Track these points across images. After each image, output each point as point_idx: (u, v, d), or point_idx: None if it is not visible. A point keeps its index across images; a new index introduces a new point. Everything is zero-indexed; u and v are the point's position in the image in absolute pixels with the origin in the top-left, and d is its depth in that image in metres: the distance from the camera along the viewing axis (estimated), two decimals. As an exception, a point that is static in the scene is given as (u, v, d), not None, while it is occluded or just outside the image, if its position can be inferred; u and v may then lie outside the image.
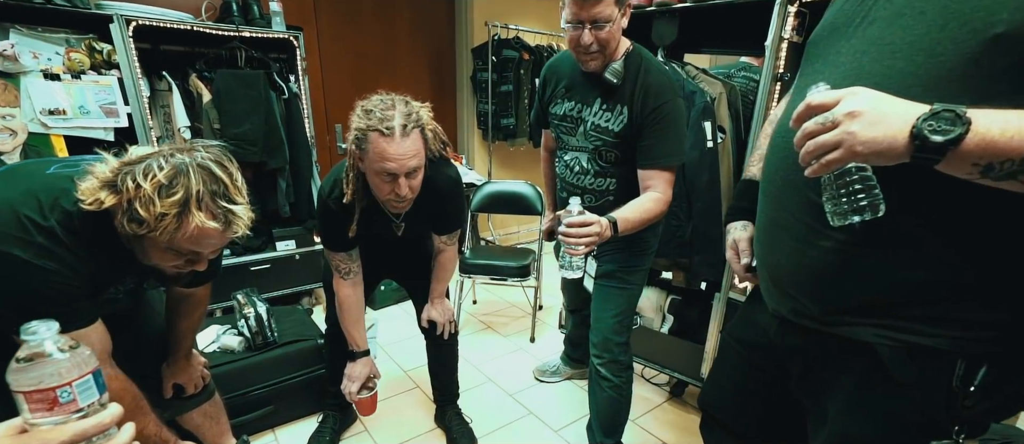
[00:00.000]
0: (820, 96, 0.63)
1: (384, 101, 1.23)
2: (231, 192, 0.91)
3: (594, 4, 1.17)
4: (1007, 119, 0.53)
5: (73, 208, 0.88)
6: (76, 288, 0.90)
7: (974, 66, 0.59)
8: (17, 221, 0.84)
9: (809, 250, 0.76)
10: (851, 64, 0.71)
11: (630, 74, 1.30)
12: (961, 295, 0.68)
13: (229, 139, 2.42)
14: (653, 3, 1.78)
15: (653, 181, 1.31)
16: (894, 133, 0.57)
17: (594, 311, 1.53)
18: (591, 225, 1.13)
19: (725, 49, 1.98)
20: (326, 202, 1.38)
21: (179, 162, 0.86)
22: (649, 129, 1.29)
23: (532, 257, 2.71)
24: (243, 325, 1.90)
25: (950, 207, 0.64)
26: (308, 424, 1.91)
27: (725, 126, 1.78)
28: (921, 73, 0.63)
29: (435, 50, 3.72)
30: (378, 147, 1.18)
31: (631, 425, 1.93)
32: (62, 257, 0.87)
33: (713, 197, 1.77)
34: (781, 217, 0.81)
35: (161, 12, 2.21)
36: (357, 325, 1.56)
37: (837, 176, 0.64)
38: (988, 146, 0.53)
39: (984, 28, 0.57)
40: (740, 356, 1.07)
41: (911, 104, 0.59)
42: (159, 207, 0.84)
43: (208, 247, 0.95)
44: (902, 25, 0.66)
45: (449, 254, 1.62)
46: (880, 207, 0.63)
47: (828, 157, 0.62)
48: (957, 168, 0.57)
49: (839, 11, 0.79)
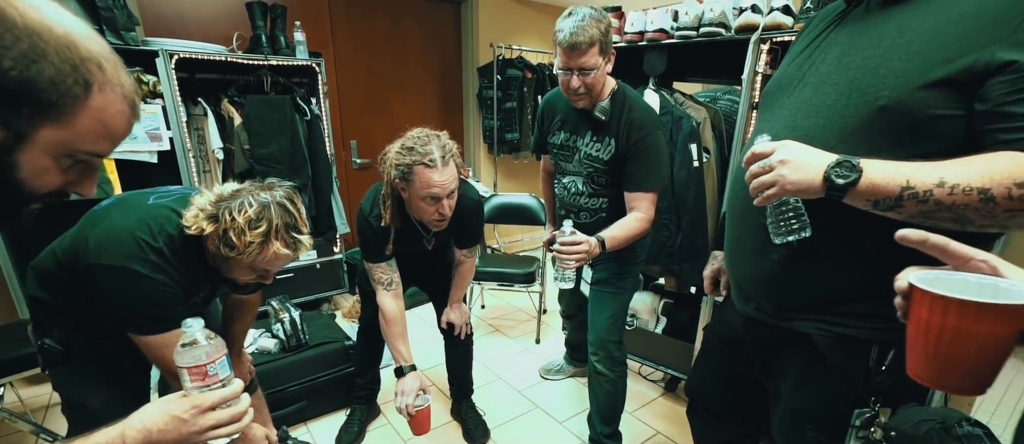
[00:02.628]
0: (762, 146, 0.84)
1: (420, 137, 1.41)
2: (299, 224, 1.13)
3: (581, 55, 1.39)
4: (886, 168, 0.74)
5: (176, 232, 1.10)
6: (176, 296, 1.12)
7: (868, 127, 0.80)
8: (135, 243, 1.06)
9: (762, 261, 0.97)
10: (789, 118, 0.92)
11: (616, 111, 1.51)
12: (874, 294, 0.88)
13: (258, 159, 2.65)
14: (645, 39, 2.00)
15: (637, 202, 1.52)
16: (812, 176, 0.79)
17: (591, 314, 1.74)
18: (581, 244, 1.36)
19: (708, 79, 2.19)
20: (367, 220, 1.57)
21: (263, 200, 1.08)
22: (633, 158, 1.50)
23: (537, 265, 2.92)
24: (278, 329, 2.11)
25: (861, 229, 0.85)
26: (337, 417, 2.12)
27: (709, 147, 2.00)
28: (835, 129, 0.84)
29: (443, 70, 3.94)
30: (424, 177, 1.38)
31: (629, 417, 2.14)
32: (168, 271, 1.09)
33: (699, 211, 1.98)
34: (742, 235, 1.03)
35: (200, 46, 2.44)
36: (402, 338, 1.64)
37: (776, 207, 0.85)
38: (873, 188, 0.75)
39: (873, 100, 0.79)
40: (719, 350, 1.28)
41: (825, 154, 0.80)
42: (248, 237, 1.05)
43: (278, 266, 1.17)
44: (824, 92, 0.87)
45: (469, 264, 1.83)
46: (807, 230, 0.84)
47: (767, 192, 0.83)
48: (857, 202, 0.78)
49: (784, 72, 1.01)
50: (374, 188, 1.61)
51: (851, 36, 0.87)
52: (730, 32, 1.80)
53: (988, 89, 0.70)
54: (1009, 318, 0.50)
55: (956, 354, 0.54)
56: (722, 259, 1.22)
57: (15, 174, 0.58)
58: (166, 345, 1.13)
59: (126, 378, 1.29)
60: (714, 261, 1.29)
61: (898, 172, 0.74)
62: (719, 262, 1.26)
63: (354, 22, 3.40)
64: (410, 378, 1.57)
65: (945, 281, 0.56)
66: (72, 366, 1.22)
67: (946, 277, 0.57)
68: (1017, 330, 0.51)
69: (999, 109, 0.69)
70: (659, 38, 1.96)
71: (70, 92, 0.58)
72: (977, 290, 0.54)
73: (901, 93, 0.76)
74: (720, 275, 1.26)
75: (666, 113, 1.98)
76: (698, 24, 1.84)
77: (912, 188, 0.72)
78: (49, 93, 0.56)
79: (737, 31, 1.75)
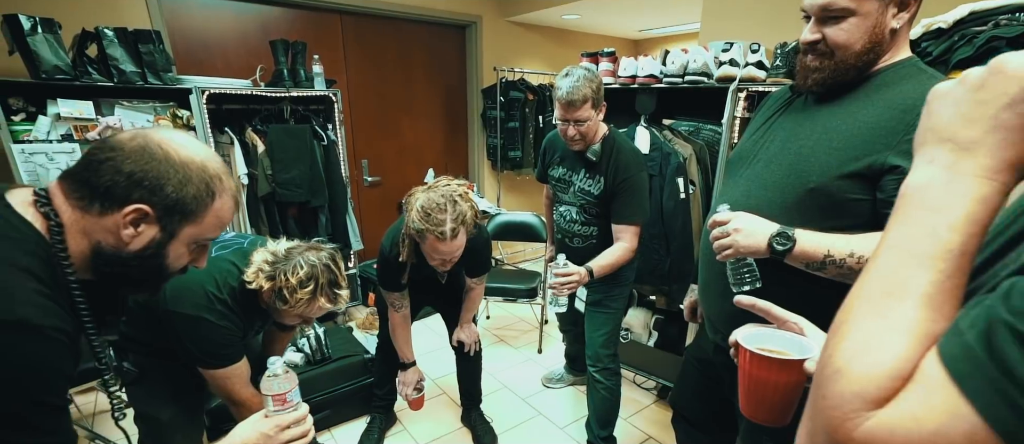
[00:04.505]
0: (722, 216, 1.06)
1: (439, 204, 1.51)
2: (340, 280, 1.35)
3: (576, 110, 1.62)
4: (814, 239, 0.96)
5: (237, 285, 1.32)
6: (237, 336, 1.34)
7: (801, 203, 1.01)
8: (205, 295, 1.28)
9: (725, 303, 1.18)
10: (745, 188, 1.14)
11: (606, 153, 1.74)
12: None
13: (280, 184, 2.86)
14: (636, 82, 2.21)
15: (622, 233, 1.75)
16: (759, 242, 1.00)
17: (587, 331, 1.96)
18: (572, 275, 1.59)
19: (693, 119, 2.41)
20: (388, 257, 1.77)
21: (312, 261, 1.29)
22: (619, 195, 1.73)
23: (538, 280, 3.14)
24: (304, 343, 2.33)
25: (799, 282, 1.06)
26: (358, 425, 2.33)
27: (695, 180, 2.21)
28: (778, 202, 1.05)
29: (449, 91, 4.15)
30: (433, 244, 1.55)
31: (624, 423, 2.35)
32: (231, 318, 1.31)
33: (686, 238, 2.20)
34: (711, 280, 1.24)
35: (228, 82, 2.66)
36: (407, 343, 2.01)
37: (733, 263, 1.07)
38: (804, 254, 0.96)
39: (805, 183, 1.00)
40: (696, 368, 1.49)
41: (770, 224, 1.01)
42: (299, 294, 1.27)
43: (319, 314, 1.39)
44: (771, 169, 1.09)
45: (478, 290, 2.05)
46: (758, 282, 1.05)
47: (725, 252, 1.04)
48: (794, 263, 0.99)
49: (744, 146, 1.22)
50: (394, 228, 1.79)
51: (793, 125, 1.09)
52: (712, 80, 2.01)
53: (884, 183, 0.91)
54: (789, 368, 0.67)
55: (759, 394, 0.72)
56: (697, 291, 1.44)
57: (164, 261, 0.81)
58: (227, 376, 1.36)
59: (189, 394, 1.50)
60: (691, 294, 1.50)
61: (822, 243, 0.95)
62: (695, 295, 1.47)
63: (365, 49, 3.61)
64: (411, 372, 2.02)
65: (766, 337, 0.74)
66: (146, 385, 1.43)
67: (769, 334, 0.75)
68: (798, 378, 0.67)
69: (891, 199, 0.90)
70: (649, 82, 2.17)
71: (203, 201, 0.80)
72: (779, 345, 0.71)
73: (825, 180, 0.97)
74: (697, 306, 1.48)
75: (656, 149, 2.20)
76: (684, 72, 2.06)
77: (831, 256, 0.94)
78: (192, 205, 0.79)
79: (718, 80, 1.96)
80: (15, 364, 0.62)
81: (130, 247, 0.75)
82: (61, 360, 0.67)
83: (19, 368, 0.63)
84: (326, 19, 3.42)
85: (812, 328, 0.73)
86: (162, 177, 0.74)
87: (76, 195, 0.72)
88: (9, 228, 0.67)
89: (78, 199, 0.72)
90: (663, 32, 4.78)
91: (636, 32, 4.88)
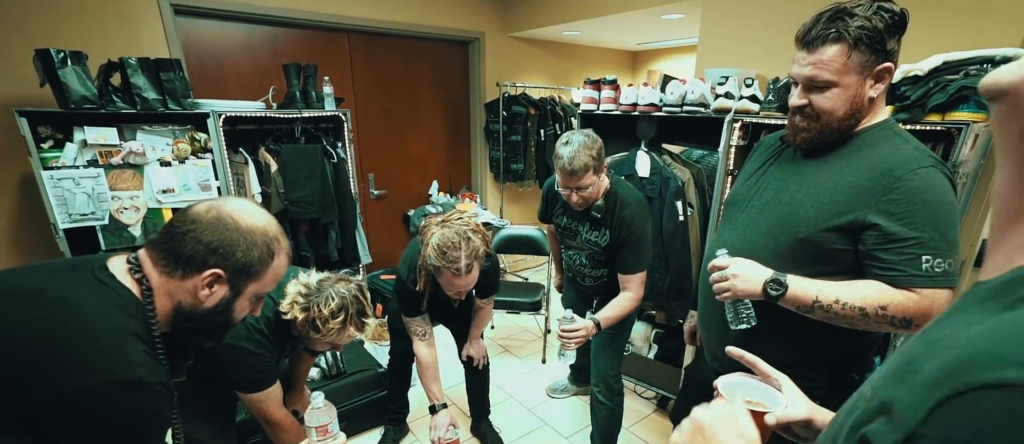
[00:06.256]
0: (721, 260, 1.17)
1: (453, 242, 1.58)
2: (366, 310, 1.45)
3: (577, 179, 1.66)
4: (803, 285, 1.07)
5: (272, 315, 1.42)
6: (272, 362, 1.45)
7: (792, 250, 1.13)
8: (244, 325, 1.38)
9: (724, 336, 1.29)
10: (741, 232, 1.25)
11: (610, 208, 1.77)
12: (801, 364, 1.20)
13: (292, 202, 2.96)
14: (637, 110, 2.32)
15: (628, 283, 1.81)
16: (755, 286, 1.11)
17: (593, 353, 2.06)
18: (579, 329, 1.68)
19: (691, 145, 2.52)
20: (405, 283, 1.86)
21: (342, 293, 1.40)
22: (624, 247, 1.78)
23: (542, 293, 3.25)
24: (321, 359, 2.43)
25: (791, 322, 1.17)
26: (371, 436, 2.44)
27: (693, 203, 2.33)
28: (771, 247, 1.17)
29: (452, 106, 4.25)
30: (449, 279, 1.64)
31: (625, 432, 2.46)
32: (267, 346, 1.41)
33: (684, 258, 2.31)
34: (710, 314, 1.35)
35: (243, 105, 2.75)
36: (435, 380, 1.94)
37: (732, 304, 1.18)
38: (795, 298, 1.07)
39: (795, 232, 1.12)
40: (695, 390, 1.60)
41: (765, 270, 1.12)
42: (331, 324, 1.38)
43: (348, 341, 1.49)
44: (765, 216, 1.20)
45: (486, 310, 2.15)
46: (754, 321, 1.17)
47: (723, 294, 1.16)
48: (786, 306, 1.10)
49: (739, 189, 1.33)
50: (409, 254, 1.88)
51: (784, 176, 1.20)
52: (709, 110, 2.12)
53: (864, 238, 1.03)
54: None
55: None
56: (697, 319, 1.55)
57: (231, 315, 0.92)
58: (264, 400, 1.46)
59: (224, 415, 1.61)
60: (691, 319, 1.61)
61: (811, 289, 1.07)
62: (695, 321, 1.59)
63: (372, 66, 3.71)
64: (442, 415, 1.90)
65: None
66: (186, 408, 1.53)
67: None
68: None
69: (871, 252, 1.02)
70: (649, 111, 2.28)
71: (265, 262, 0.91)
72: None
73: (812, 231, 1.09)
74: (696, 331, 1.59)
75: (656, 173, 2.31)
76: (682, 102, 2.17)
77: (819, 302, 1.05)
78: (256, 266, 0.90)
79: (714, 111, 2.08)
80: (134, 415, 0.76)
81: (205, 305, 0.87)
82: (166, 409, 0.80)
83: (137, 417, 0.76)
84: (334, 38, 3.51)
85: (790, 386, 0.80)
86: (233, 244, 0.85)
87: (162, 262, 0.83)
88: (117, 297, 0.79)
89: (164, 266, 0.83)
90: (661, 45, 4.90)
91: (635, 45, 5.00)
